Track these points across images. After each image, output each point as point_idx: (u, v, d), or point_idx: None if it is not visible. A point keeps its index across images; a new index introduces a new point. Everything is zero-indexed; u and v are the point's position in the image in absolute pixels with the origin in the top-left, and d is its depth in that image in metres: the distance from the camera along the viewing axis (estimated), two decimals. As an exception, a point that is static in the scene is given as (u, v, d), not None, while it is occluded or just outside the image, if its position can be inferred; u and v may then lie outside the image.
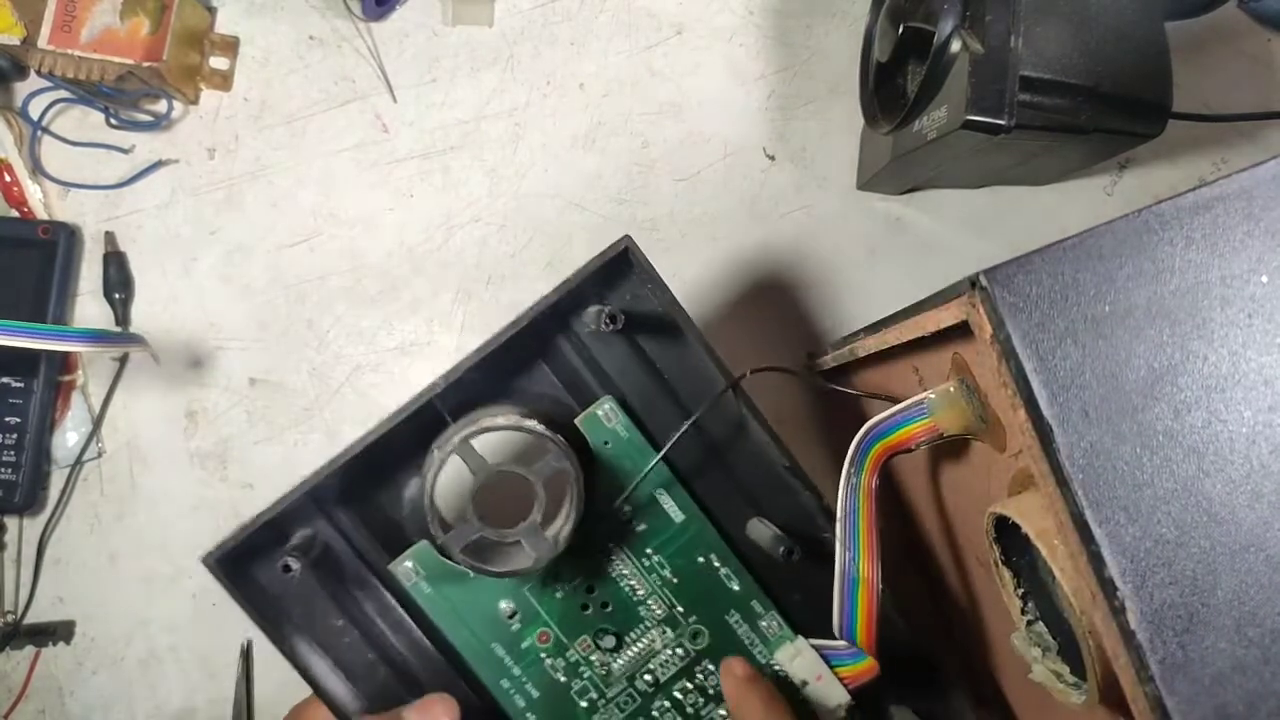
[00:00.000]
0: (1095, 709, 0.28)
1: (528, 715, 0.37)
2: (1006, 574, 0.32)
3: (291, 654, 0.35)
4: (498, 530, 0.33)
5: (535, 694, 0.37)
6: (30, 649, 0.49)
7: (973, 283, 0.26)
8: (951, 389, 0.32)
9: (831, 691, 0.36)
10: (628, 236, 0.34)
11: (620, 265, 0.35)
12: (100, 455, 0.50)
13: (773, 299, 0.51)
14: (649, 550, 0.37)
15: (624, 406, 0.36)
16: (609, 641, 0.37)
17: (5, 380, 0.48)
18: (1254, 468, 0.25)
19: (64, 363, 0.49)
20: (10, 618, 0.48)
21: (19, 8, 0.46)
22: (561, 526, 0.34)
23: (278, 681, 0.49)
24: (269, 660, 0.49)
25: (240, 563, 0.35)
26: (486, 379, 0.36)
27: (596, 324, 0.34)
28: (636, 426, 0.36)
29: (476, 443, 0.33)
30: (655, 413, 0.37)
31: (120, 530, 0.50)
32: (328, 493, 0.36)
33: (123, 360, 0.50)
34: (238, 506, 0.50)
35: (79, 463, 0.49)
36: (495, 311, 0.51)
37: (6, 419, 0.48)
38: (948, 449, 0.37)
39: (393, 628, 0.38)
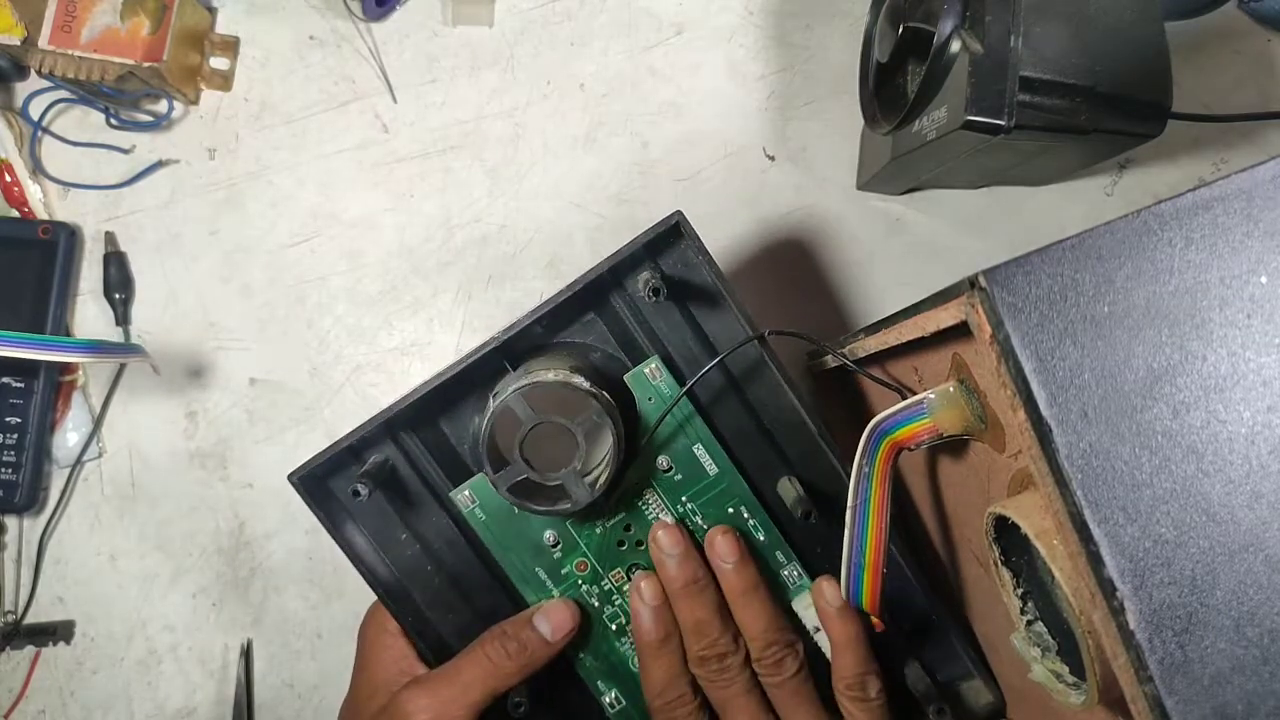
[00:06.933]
0: (1095, 709, 0.28)
1: None
2: (1006, 574, 0.32)
3: (358, 561, 0.40)
4: (542, 474, 0.37)
5: None
6: (30, 649, 0.49)
7: (972, 283, 0.26)
8: (951, 389, 0.32)
9: None
10: (679, 211, 0.37)
11: (671, 237, 0.39)
12: (100, 455, 0.50)
13: (772, 299, 0.51)
14: (684, 498, 0.41)
15: (669, 365, 0.40)
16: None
17: (6, 380, 0.48)
18: (1253, 468, 0.25)
19: (64, 363, 0.49)
20: (10, 618, 0.49)
21: (19, 8, 0.46)
22: (600, 474, 0.38)
23: (277, 682, 0.49)
24: (269, 660, 0.50)
25: (320, 481, 0.40)
26: (545, 331, 0.41)
27: (645, 290, 0.38)
28: (680, 385, 0.40)
29: (528, 395, 0.37)
30: (698, 373, 0.41)
31: (120, 530, 0.50)
32: (401, 422, 0.40)
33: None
34: (238, 506, 0.50)
35: (79, 463, 0.49)
36: (495, 311, 0.51)
37: (7, 419, 0.48)
38: (947, 449, 0.37)
39: (449, 545, 0.42)
